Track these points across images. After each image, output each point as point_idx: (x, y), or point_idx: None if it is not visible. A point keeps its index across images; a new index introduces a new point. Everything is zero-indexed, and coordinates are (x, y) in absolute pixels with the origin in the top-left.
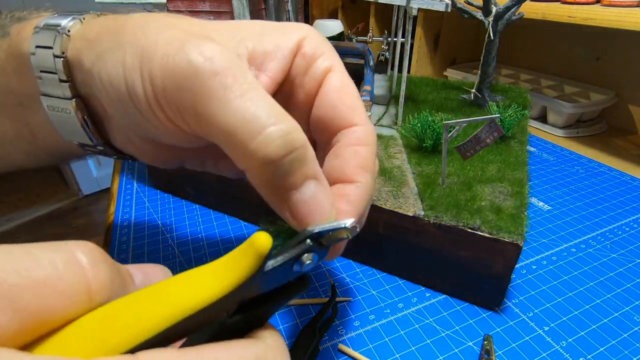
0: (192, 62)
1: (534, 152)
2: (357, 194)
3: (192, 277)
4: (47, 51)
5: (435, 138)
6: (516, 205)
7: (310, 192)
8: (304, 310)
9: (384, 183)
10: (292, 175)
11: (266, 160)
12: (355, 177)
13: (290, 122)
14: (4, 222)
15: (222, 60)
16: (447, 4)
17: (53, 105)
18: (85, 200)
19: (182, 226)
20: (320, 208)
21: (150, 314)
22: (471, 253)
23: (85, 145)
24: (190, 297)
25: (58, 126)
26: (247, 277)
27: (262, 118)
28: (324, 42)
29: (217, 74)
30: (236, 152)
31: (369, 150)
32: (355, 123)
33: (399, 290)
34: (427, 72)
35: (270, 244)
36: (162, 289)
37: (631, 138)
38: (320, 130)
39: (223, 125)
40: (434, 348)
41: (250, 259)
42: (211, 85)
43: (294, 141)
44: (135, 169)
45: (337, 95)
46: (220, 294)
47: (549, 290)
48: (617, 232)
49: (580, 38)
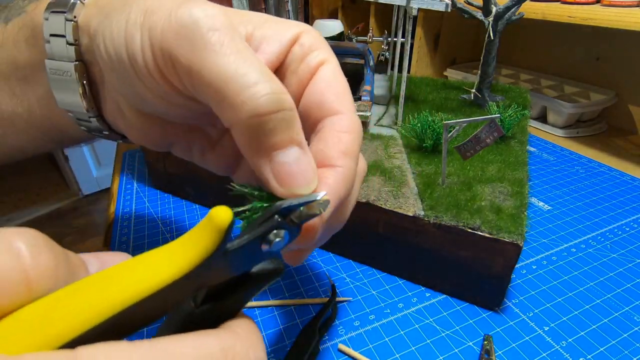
0: (193, 15)
1: (534, 152)
2: (336, 177)
3: (146, 259)
4: (59, 16)
5: (435, 138)
6: (516, 205)
7: (294, 156)
8: (304, 310)
9: (384, 183)
10: (278, 134)
11: (255, 112)
12: (337, 161)
13: (281, 85)
14: (4, 222)
15: (222, 21)
16: (447, 4)
17: (55, 69)
18: (85, 200)
19: (182, 226)
20: (303, 173)
21: (93, 301)
22: (471, 253)
23: (79, 119)
24: (141, 280)
25: (56, 91)
26: (206, 255)
27: (254, 74)
28: (321, 39)
29: (216, 30)
30: (225, 105)
31: (353, 138)
32: (341, 111)
33: (399, 290)
34: (427, 72)
35: (230, 217)
36: (112, 274)
37: (631, 138)
38: (307, 116)
39: (215, 77)
40: (434, 348)
41: (209, 235)
42: (209, 38)
43: (284, 101)
44: (135, 168)
45: (327, 84)
46: (176, 275)
47: (549, 290)
48: (617, 232)
49: (580, 38)
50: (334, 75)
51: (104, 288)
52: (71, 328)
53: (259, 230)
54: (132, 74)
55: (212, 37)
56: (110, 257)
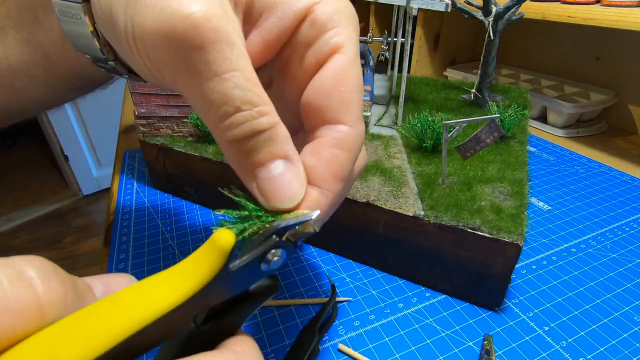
0: (175, 29)
1: (534, 152)
2: (320, 201)
3: (152, 283)
4: None
5: (435, 138)
6: (516, 205)
7: (277, 170)
8: (304, 310)
9: (384, 183)
10: (257, 153)
11: (231, 139)
12: (326, 185)
13: (263, 107)
14: (4, 222)
15: (209, 30)
16: (447, 4)
17: (64, 11)
18: (85, 200)
19: (182, 226)
20: (286, 186)
21: (103, 327)
22: (471, 253)
23: (97, 61)
24: (148, 305)
25: (70, 35)
26: (211, 278)
27: (235, 102)
28: (340, 11)
29: (201, 48)
30: (207, 124)
31: (349, 156)
32: (344, 121)
33: (399, 290)
34: (427, 72)
35: (233, 240)
36: (119, 298)
37: (631, 138)
38: (307, 114)
39: (197, 98)
40: (434, 348)
41: (213, 258)
42: (193, 58)
43: (260, 125)
44: (135, 168)
45: (334, 83)
46: (182, 298)
47: (549, 290)
48: (617, 232)
49: (580, 38)
50: (345, 70)
51: (111, 315)
52: (84, 354)
53: (258, 250)
54: (121, 49)
55: (195, 59)
56: (114, 280)
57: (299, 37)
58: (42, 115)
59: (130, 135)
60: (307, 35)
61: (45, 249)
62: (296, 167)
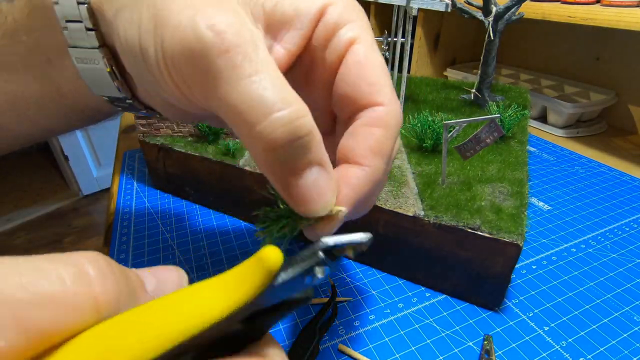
0: (201, 39)
1: (534, 152)
2: (361, 178)
3: (202, 291)
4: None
5: (435, 138)
6: (516, 205)
7: (311, 178)
8: (304, 310)
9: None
10: (295, 161)
11: (270, 145)
12: (364, 160)
13: (299, 106)
14: (4, 222)
15: (233, 35)
16: (447, 4)
17: (81, 57)
18: (85, 200)
19: (182, 226)
20: (320, 194)
21: (157, 332)
22: (471, 253)
23: (114, 100)
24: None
25: (87, 79)
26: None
27: (269, 102)
28: (351, 8)
29: (226, 52)
30: (241, 133)
31: (386, 133)
32: (377, 102)
33: (399, 290)
34: (427, 72)
35: (280, 260)
36: (171, 303)
37: (631, 138)
38: (341, 107)
39: (229, 105)
40: (434, 348)
41: (261, 276)
42: (219, 64)
43: (300, 128)
44: (135, 168)
45: (359, 71)
46: (230, 309)
47: (549, 290)
48: (617, 232)
49: (580, 38)
50: (365, 58)
51: (166, 319)
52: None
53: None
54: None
55: (223, 62)
56: (166, 274)
57: (315, 40)
58: None
59: (130, 135)
60: (323, 37)
61: (45, 249)
62: (328, 173)
